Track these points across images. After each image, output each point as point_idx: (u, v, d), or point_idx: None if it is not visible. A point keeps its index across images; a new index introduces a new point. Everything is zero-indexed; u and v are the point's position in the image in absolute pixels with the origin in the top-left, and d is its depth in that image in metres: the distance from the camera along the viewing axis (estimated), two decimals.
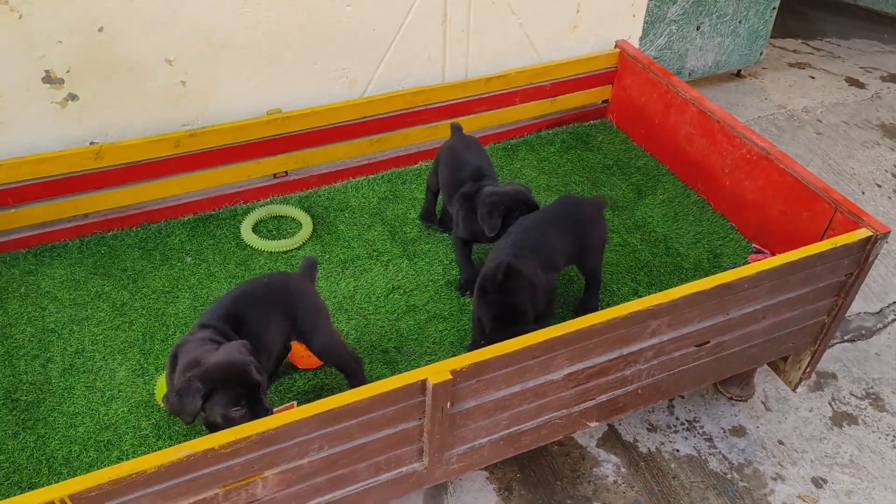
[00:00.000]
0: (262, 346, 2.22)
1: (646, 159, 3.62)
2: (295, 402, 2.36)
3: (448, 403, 2.10)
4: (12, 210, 2.85)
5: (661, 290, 2.36)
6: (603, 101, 3.89)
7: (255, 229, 3.12)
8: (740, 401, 3.21)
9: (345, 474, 2.13)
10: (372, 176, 3.43)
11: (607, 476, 2.93)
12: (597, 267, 2.82)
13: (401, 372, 2.56)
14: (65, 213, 2.94)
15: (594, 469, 2.96)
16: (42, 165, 2.79)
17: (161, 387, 2.37)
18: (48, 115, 2.81)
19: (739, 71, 5.38)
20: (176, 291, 2.82)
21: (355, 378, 2.43)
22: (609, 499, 2.85)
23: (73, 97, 2.82)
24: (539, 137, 3.74)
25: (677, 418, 3.15)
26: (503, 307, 2.50)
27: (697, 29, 4.75)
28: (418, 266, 3.00)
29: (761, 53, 5.16)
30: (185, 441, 2.26)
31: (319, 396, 2.46)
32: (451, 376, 2.04)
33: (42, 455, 2.26)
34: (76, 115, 2.86)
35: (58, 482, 1.96)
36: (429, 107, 3.41)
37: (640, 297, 2.90)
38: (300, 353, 2.56)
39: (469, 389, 2.15)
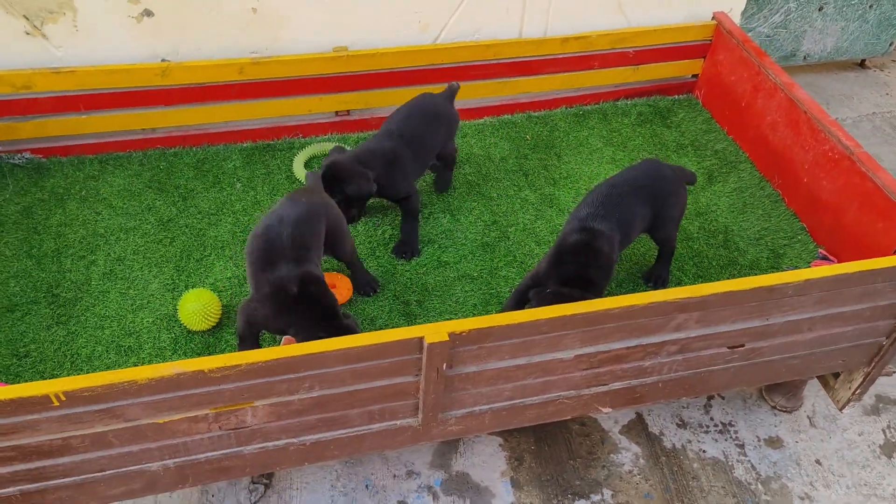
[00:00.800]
0: None
1: (725, 143, 3.39)
2: (294, 339, 2.38)
3: (444, 365, 2.07)
4: (84, 116, 2.98)
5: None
6: (692, 76, 3.65)
7: (307, 165, 3.15)
8: (784, 412, 3.02)
9: (336, 417, 2.15)
10: None
11: (623, 464, 2.84)
12: (671, 237, 2.72)
13: (419, 324, 2.55)
14: (131, 125, 3.06)
15: (612, 455, 2.87)
16: (112, 76, 2.90)
17: (184, 305, 2.45)
18: (123, 29, 2.90)
19: (864, 61, 4.92)
20: (220, 215, 2.90)
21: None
22: (620, 487, 2.76)
23: (148, 13, 2.90)
24: (614, 107, 3.57)
25: (712, 419, 3.01)
26: (575, 275, 2.45)
27: (820, 10, 4.35)
28: (459, 223, 2.95)
29: (891, 44, 4.69)
30: (195, 357, 2.36)
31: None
32: (448, 338, 2.00)
33: (68, 350, 2.40)
34: (150, 30, 2.94)
35: None
36: (499, 61, 3.30)
37: (682, 285, 2.76)
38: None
39: (469, 354, 2.10)
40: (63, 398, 1.82)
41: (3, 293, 2.55)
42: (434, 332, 2.00)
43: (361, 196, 2.60)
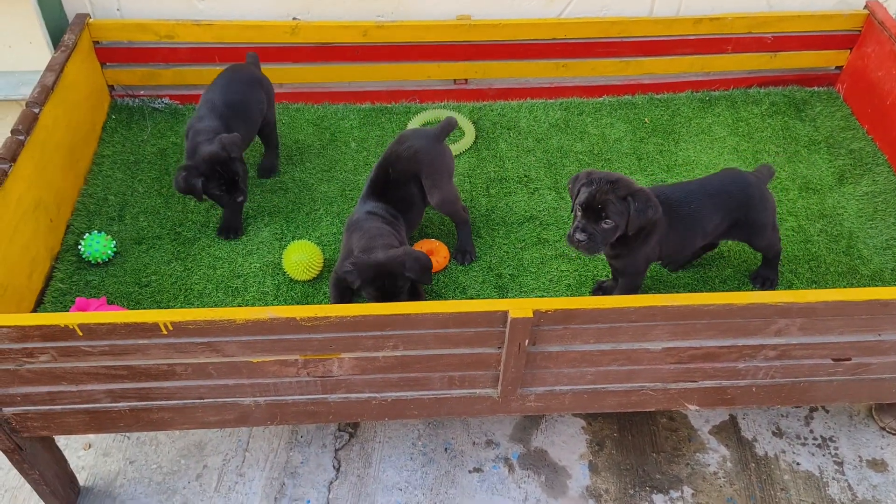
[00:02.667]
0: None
1: (863, 142, 3.15)
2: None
3: (526, 341, 2.08)
4: (218, 67, 3.16)
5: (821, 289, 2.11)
6: (835, 68, 3.40)
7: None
8: (894, 434, 2.82)
9: (418, 378, 2.21)
10: (550, 101, 3.34)
11: (709, 465, 2.76)
12: (772, 242, 2.57)
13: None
14: None
15: (697, 454, 2.79)
16: (247, 31, 3.05)
17: (288, 255, 2.58)
18: None
19: None
20: (333, 172, 3.01)
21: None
22: (702, 487, 2.69)
23: None
24: (745, 95, 3.39)
25: (811, 431, 2.85)
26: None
27: None
28: (565, 201, 2.92)
29: None
30: (293, 305, 2.49)
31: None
32: (532, 315, 2.00)
33: (183, 285, 2.60)
34: None
35: None
36: (625, 39, 3.21)
37: (795, 289, 2.61)
38: None
39: (553, 334, 2.10)
40: (171, 328, 1.97)
41: (133, 227, 2.78)
42: (519, 307, 2.01)
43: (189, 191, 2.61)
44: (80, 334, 1.95)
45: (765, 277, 2.65)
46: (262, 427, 2.73)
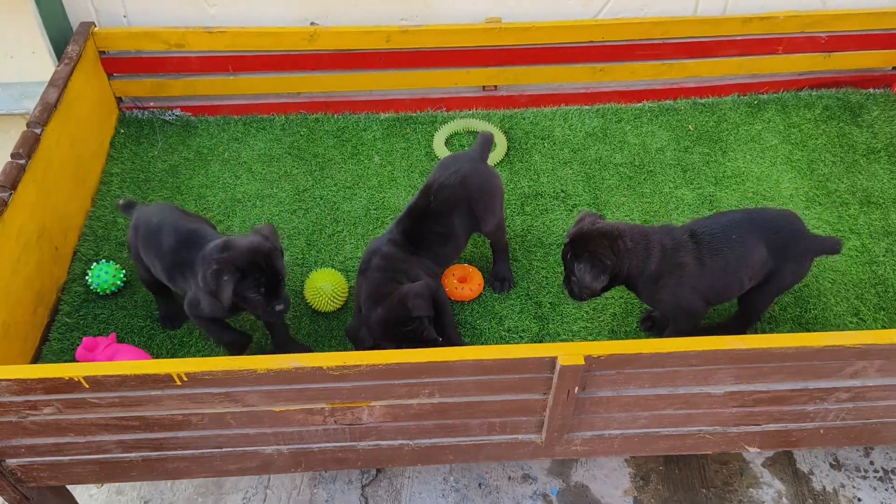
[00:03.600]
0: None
1: None
2: None
3: (576, 388, 1.88)
4: (231, 77, 2.97)
5: (890, 317, 1.89)
6: (893, 68, 3.16)
7: (448, 141, 2.99)
8: None
9: (455, 424, 2.03)
10: (586, 107, 3.12)
11: (764, 501, 2.56)
12: (763, 308, 2.33)
13: (550, 330, 2.37)
14: (277, 88, 3.02)
15: (751, 489, 2.60)
16: (262, 38, 2.86)
17: (311, 283, 2.39)
18: None
19: None
20: (356, 189, 2.81)
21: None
22: None
23: None
24: (797, 98, 3.15)
25: (872, 462, 2.65)
26: None
27: None
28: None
29: None
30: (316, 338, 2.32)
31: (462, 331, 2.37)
32: (584, 362, 1.81)
33: None
34: None
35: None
36: (667, 41, 2.98)
37: (862, 320, 2.40)
38: (452, 286, 2.45)
39: (606, 379, 1.90)
40: (185, 378, 1.80)
41: None
42: (569, 353, 1.81)
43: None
44: (87, 386, 1.78)
45: (726, 328, 2.39)
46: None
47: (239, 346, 2.26)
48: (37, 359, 2.30)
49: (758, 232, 2.17)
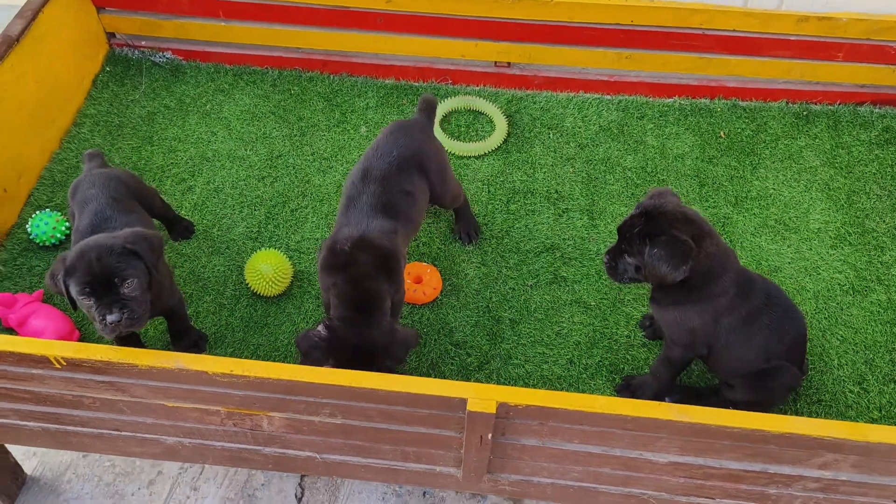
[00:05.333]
0: None
1: None
2: None
3: (489, 434, 1.65)
4: (223, 23, 2.77)
5: None
6: None
7: (444, 119, 2.72)
8: None
9: (366, 446, 1.84)
10: (607, 97, 2.78)
11: None
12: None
13: (501, 351, 2.13)
14: (269, 40, 2.81)
15: None
16: None
17: (252, 264, 2.21)
18: None
19: None
20: (333, 161, 2.59)
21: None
22: None
23: None
24: (853, 113, 2.72)
25: None
26: None
27: None
28: (597, 230, 2.41)
29: None
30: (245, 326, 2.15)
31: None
32: (495, 410, 1.57)
33: None
34: None
35: None
36: (707, 32, 2.60)
37: (864, 390, 2.06)
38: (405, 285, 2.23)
39: (527, 428, 1.67)
40: (63, 363, 1.66)
41: None
42: (480, 397, 1.58)
43: None
44: None
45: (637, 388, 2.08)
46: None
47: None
48: None
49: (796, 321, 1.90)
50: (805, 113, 2.74)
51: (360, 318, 1.87)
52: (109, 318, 1.72)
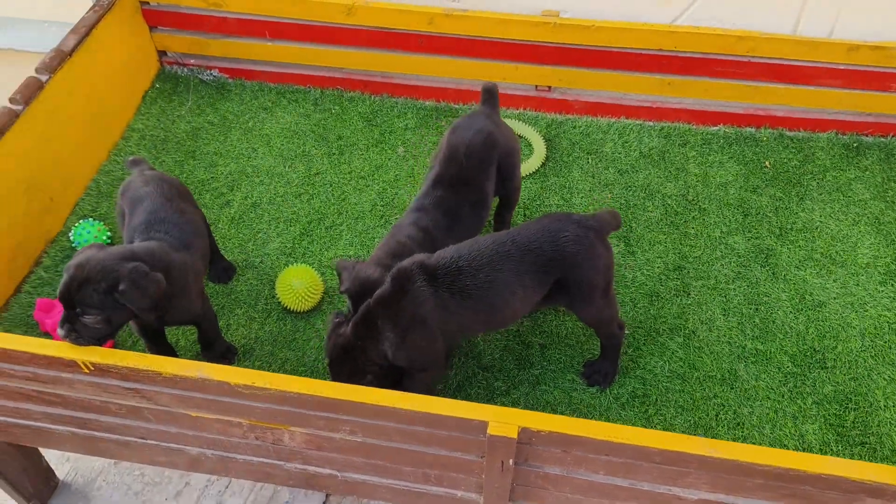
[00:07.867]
0: None
1: None
2: None
3: (510, 460, 1.61)
4: (268, 43, 2.82)
5: None
6: None
7: None
8: None
9: (387, 467, 1.81)
10: (649, 123, 2.74)
11: None
12: (602, 316, 2.01)
13: (530, 377, 2.09)
14: (311, 59, 2.85)
15: None
16: (297, 6, 2.69)
17: (283, 279, 2.22)
18: None
19: None
20: (370, 180, 2.60)
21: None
22: None
23: None
24: None
25: None
26: None
27: None
28: (633, 257, 2.36)
29: None
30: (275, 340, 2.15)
31: None
32: (516, 435, 1.53)
33: None
34: None
35: None
36: (753, 59, 2.55)
37: None
38: None
39: (551, 455, 1.62)
40: (91, 367, 1.69)
41: None
42: (500, 421, 1.55)
43: None
44: None
45: (597, 370, 2.07)
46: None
47: None
48: (4, 309, 2.27)
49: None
50: (855, 144, 2.66)
51: None
52: (59, 331, 1.76)
